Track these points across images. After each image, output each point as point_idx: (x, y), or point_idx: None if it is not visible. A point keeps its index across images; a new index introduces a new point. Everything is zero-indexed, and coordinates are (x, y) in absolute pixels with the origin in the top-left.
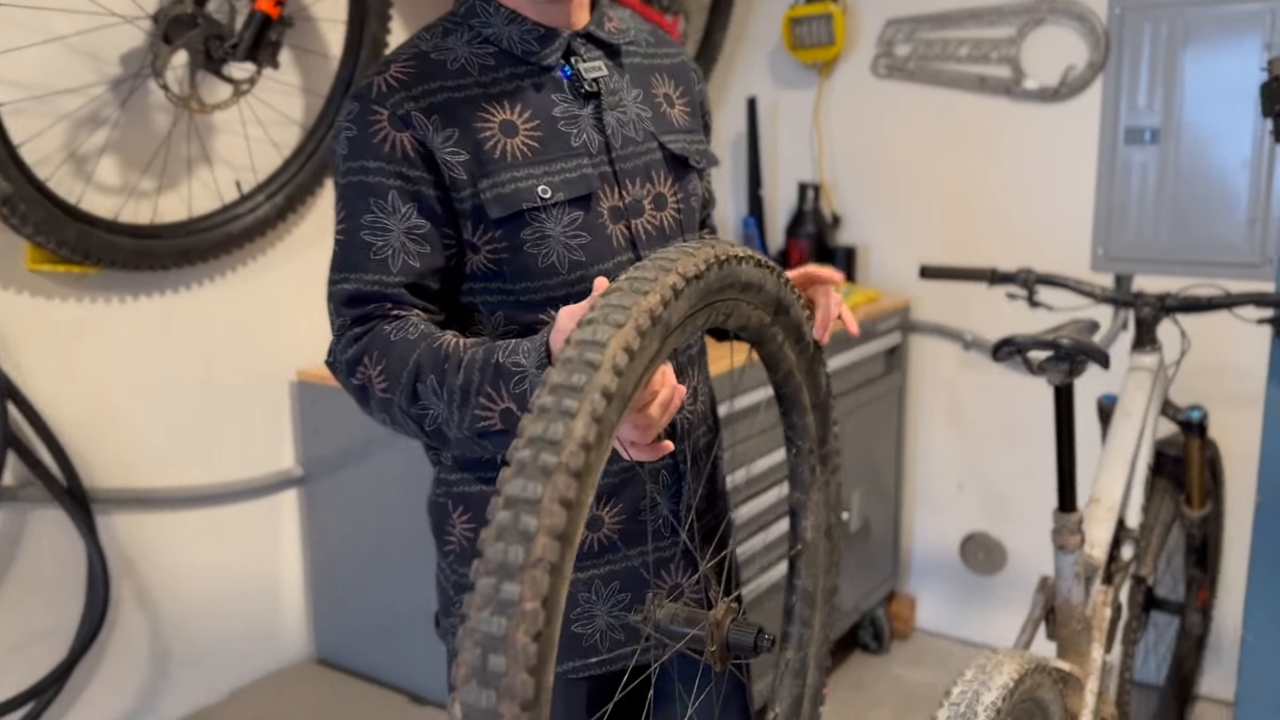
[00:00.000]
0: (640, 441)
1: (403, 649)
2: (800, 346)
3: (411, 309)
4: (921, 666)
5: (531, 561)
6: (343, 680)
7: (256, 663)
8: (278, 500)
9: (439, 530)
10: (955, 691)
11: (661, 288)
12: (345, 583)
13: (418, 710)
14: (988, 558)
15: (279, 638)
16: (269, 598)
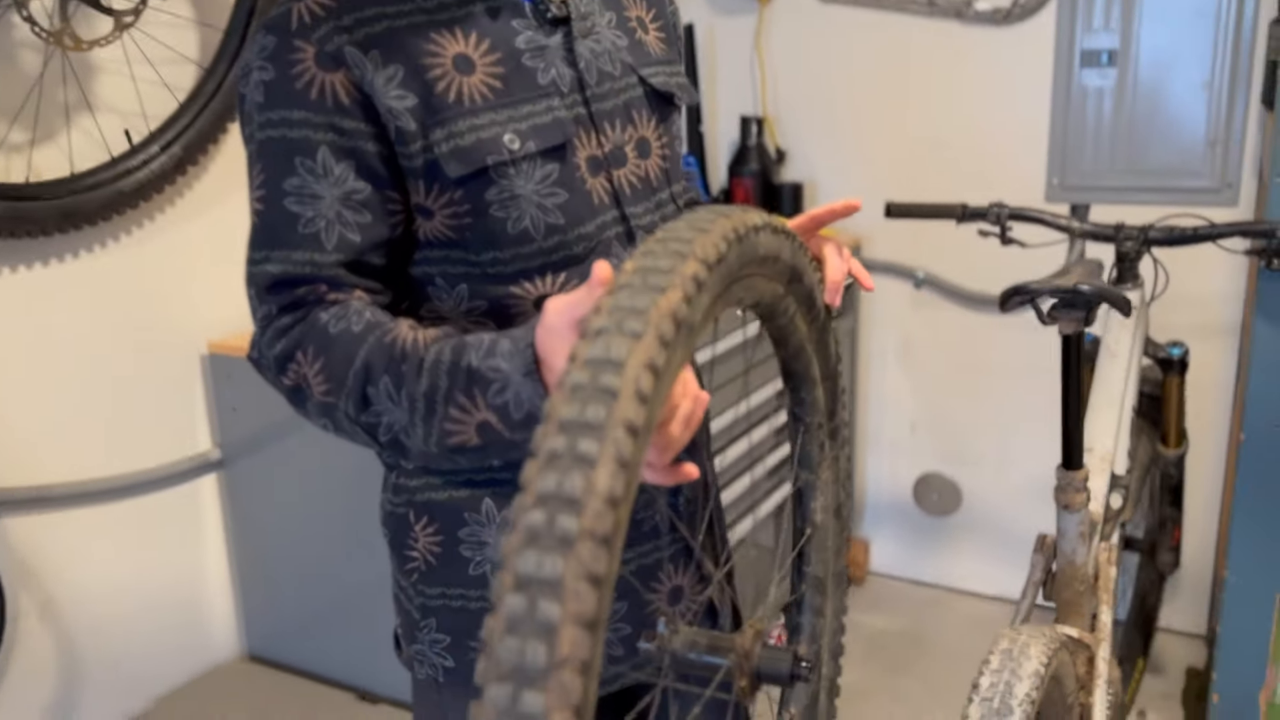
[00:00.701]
0: (657, 464)
1: (344, 642)
2: (812, 315)
3: (352, 291)
4: (879, 611)
5: (557, 662)
6: (280, 678)
7: (183, 666)
8: (195, 488)
9: (398, 545)
10: (984, 684)
11: (683, 281)
12: (275, 573)
13: (368, 709)
14: (941, 499)
15: (206, 636)
16: (192, 594)
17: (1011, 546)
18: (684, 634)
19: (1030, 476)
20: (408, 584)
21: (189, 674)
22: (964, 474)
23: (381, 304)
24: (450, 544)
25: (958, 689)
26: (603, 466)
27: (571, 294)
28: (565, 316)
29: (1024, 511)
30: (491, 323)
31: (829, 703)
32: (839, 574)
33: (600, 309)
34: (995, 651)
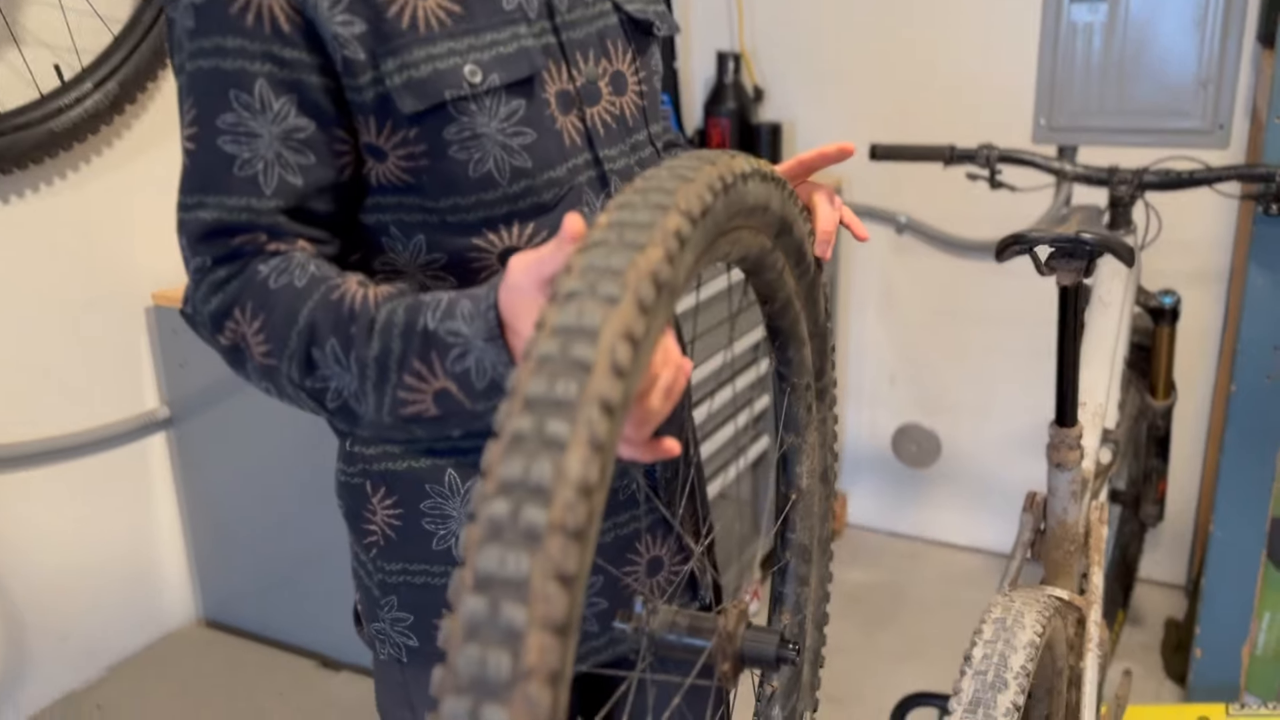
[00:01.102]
0: (635, 439)
1: (305, 606)
2: (801, 269)
3: (295, 241)
4: (856, 564)
5: (522, 672)
6: (237, 644)
7: (136, 632)
8: (144, 447)
9: (354, 517)
10: (977, 655)
11: (664, 237)
12: (231, 535)
13: (330, 676)
14: (920, 451)
15: (159, 602)
16: (143, 559)
17: (991, 498)
18: (663, 614)
19: (1011, 427)
20: (366, 559)
21: (142, 641)
22: (944, 425)
23: (329, 255)
24: (411, 517)
25: (936, 642)
26: (574, 450)
27: (539, 249)
28: (532, 274)
29: (1004, 463)
30: (452, 278)
31: (813, 674)
32: (824, 541)
33: (571, 268)
34: (988, 620)
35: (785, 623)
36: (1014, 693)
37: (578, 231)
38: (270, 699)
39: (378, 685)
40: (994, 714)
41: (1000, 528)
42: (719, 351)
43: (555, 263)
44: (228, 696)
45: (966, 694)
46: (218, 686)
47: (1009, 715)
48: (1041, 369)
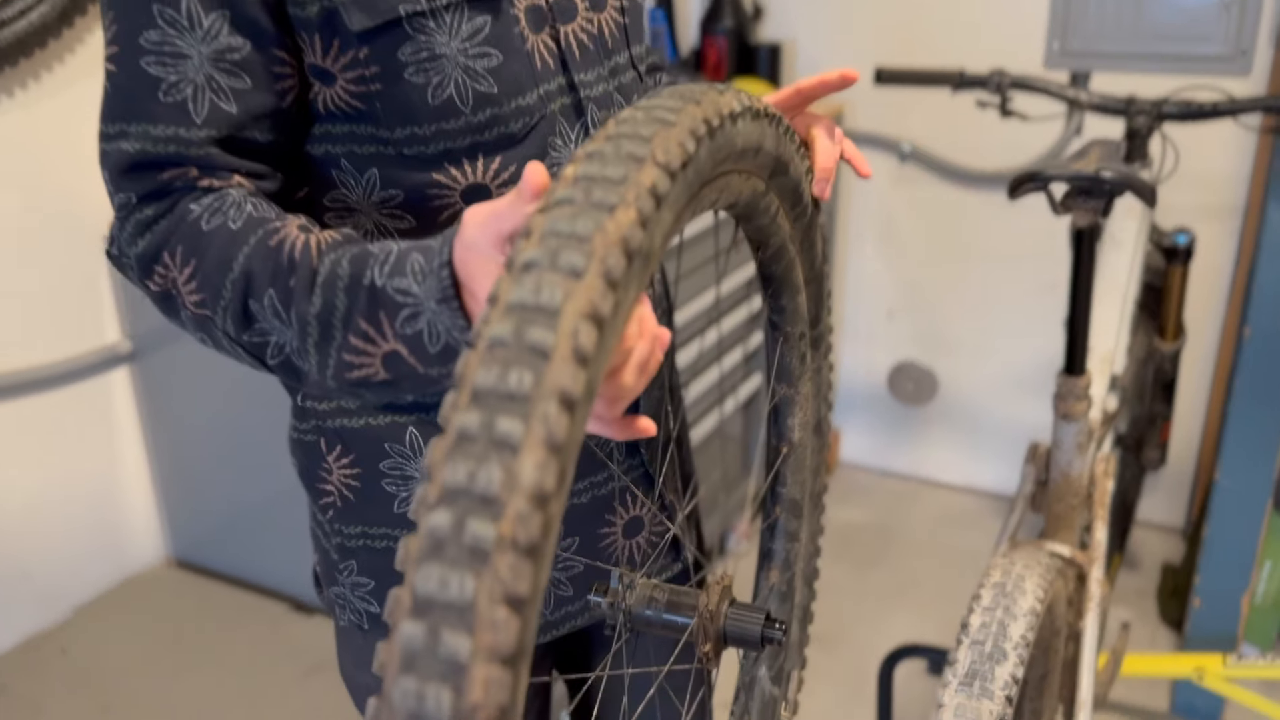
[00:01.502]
0: (606, 417)
1: (277, 547)
2: (797, 212)
3: (230, 175)
4: (848, 503)
5: (465, 712)
6: (207, 586)
7: (102, 573)
8: (106, 382)
9: (309, 477)
10: (974, 624)
11: (638, 196)
12: (199, 473)
13: (303, 621)
14: (917, 388)
15: (126, 541)
16: (107, 497)
17: (988, 438)
18: (641, 588)
19: (1011, 366)
20: (324, 520)
21: (109, 582)
22: (942, 362)
23: (270, 192)
24: (370, 478)
25: (927, 585)
26: (528, 453)
27: (497, 202)
28: (489, 231)
29: (1003, 402)
30: (410, 217)
31: (801, 631)
32: (816, 494)
33: (531, 233)
34: (986, 585)
35: (773, 581)
36: (1013, 664)
37: (539, 184)
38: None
39: (340, 650)
40: (991, 687)
41: (997, 468)
42: (708, 289)
43: (514, 219)
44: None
45: (962, 664)
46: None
47: (1007, 689)
48: (1045, 306)
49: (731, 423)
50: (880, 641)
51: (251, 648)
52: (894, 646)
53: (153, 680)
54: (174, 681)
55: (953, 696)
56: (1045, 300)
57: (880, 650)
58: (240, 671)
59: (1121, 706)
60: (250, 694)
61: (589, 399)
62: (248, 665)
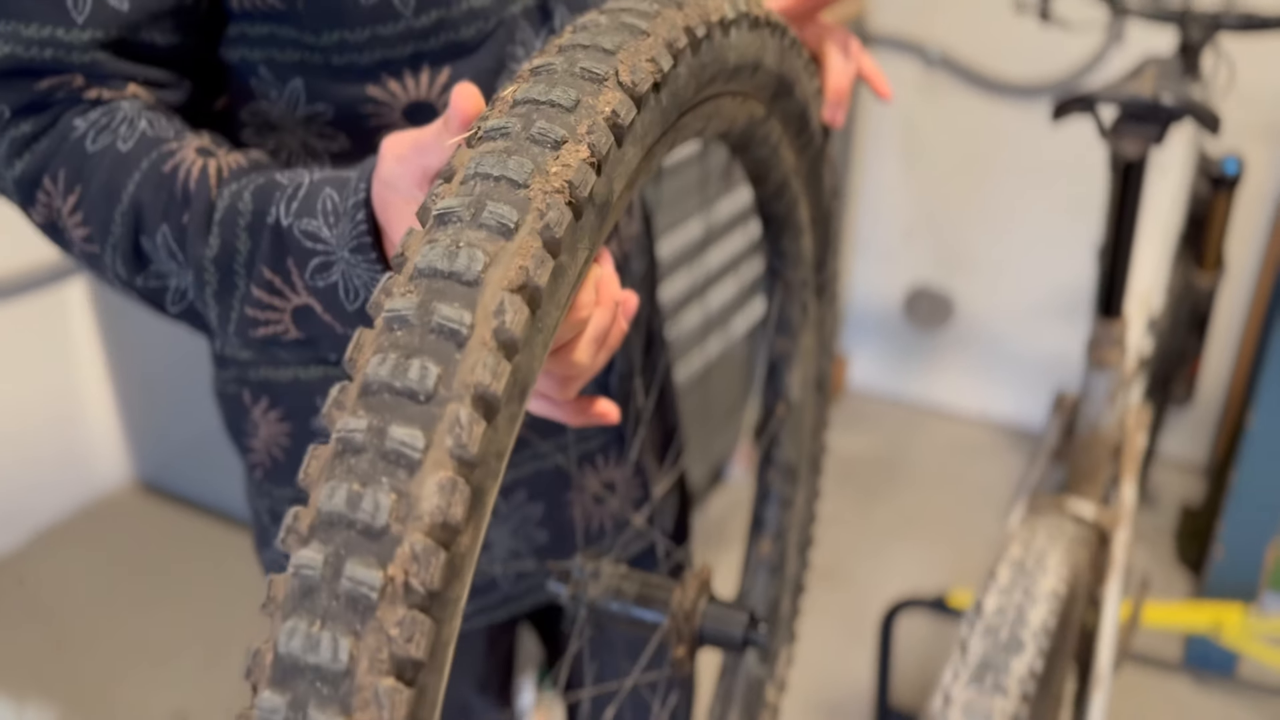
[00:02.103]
0: (558, 399)
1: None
2: (803, 141)
3: (123, 86)
4: (854, 431)
5: None
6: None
7: (62, 497)
8: (61, 294)
9: (234, 432)
10: (989, 607)
11: (592, 126)
12: (165, 389)
13: None
14: (931, 312)
15: (88, 464)
16: (66, 416)
17: (1004, 365)
18: (606, 576)
19: (1032, 290)
20: (252, 481)
21: (69, 507)
22: (959, 284)
23: (175, 104)
24: (302, 436)
25: (935, 520)
26: (430, 471)
27: (421, 131)
28: (411, 165)
29: (1022, 328)
30: (343, 136)
31: (792, 605)
32: (814, 456)
33: (452, 174)
34: (1004, 561)
35: (764, 553)
36: (1031, 656)
37: (469, 111)
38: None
39: None
40: (1005, 682)
41: (1011, 398)
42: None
43: (439, 152)
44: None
45: (974, 654)
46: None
47: (1024, 684)
48: (1073, 228)
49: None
50: (883, 579)
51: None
52: (897, 586)
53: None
54: (137, 615)
55: (962, 691)
56: (1074, 223)
57: (882, 588)
58: (209, 606)
59: (1131, 656)
60: (220, 630)
61: (519, 395)
62: (218, 599)
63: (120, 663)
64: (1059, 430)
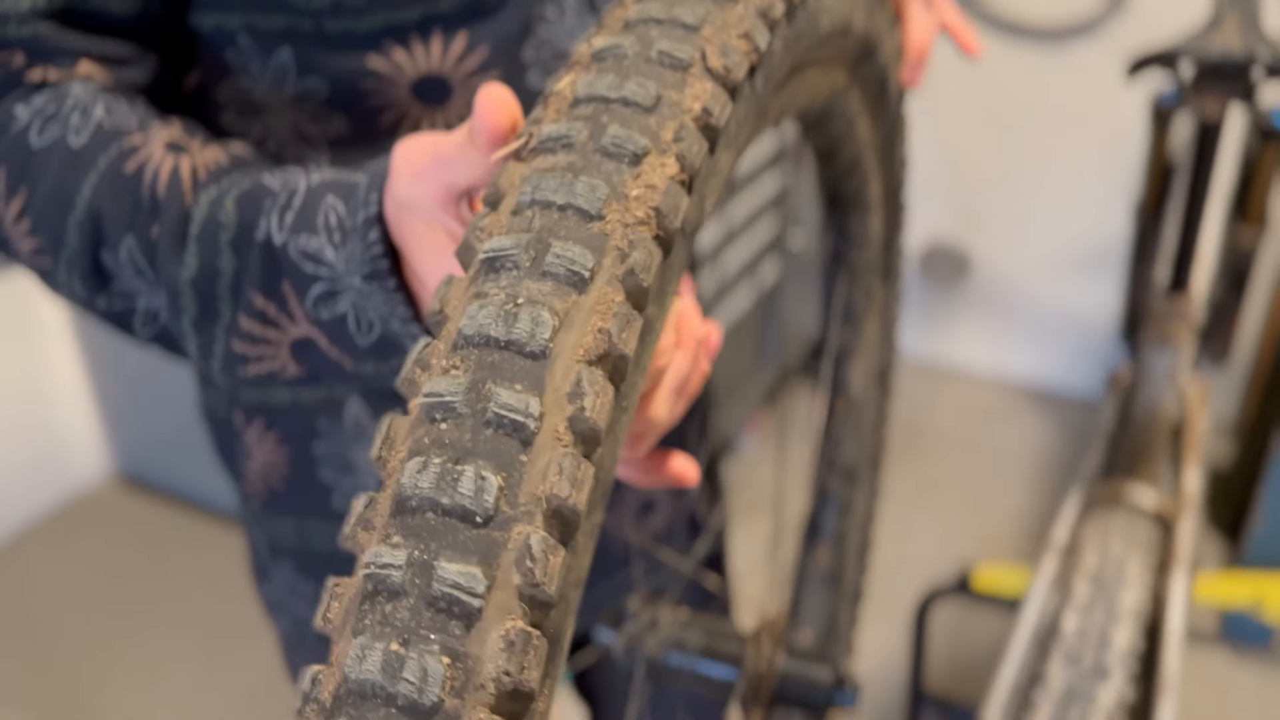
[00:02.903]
0: (628, 457)
1: None
2: (880, 109)
3: (73, 64)
4: None
5: None
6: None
7: (38, 495)
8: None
9: (228, 456)
10: (1069, 628)
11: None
12: (143, 373)
13: None
14: (949, 266)
15: (65, 459)
16: (40, 406)
17: (1022, 323)
18: (666, 624)
19: (1052, 245)
20: (247, 511)
21: (46, 505)
22: (977, 238)
23: (136, 85)
24: (301, 464)
25: (953, 486)
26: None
27: (440, 139)
28: (432, 183)
29: (1041, 285)
30: (341, 118)
31: (851, 614)
32: (875, 454)
33: (499, 198)
34: (1080, 574)
35: (822, 563)
36: (1120, 682)
37: (499, 123)
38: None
39: (286, 659)
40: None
41: (1032, 358)
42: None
43: (466, 170)
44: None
45: (1056, 683)
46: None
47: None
48: (1099, 180)
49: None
50: (901, 549)
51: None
52: (919, 559)
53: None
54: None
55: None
56: (1099, 174)
57: (900, 559)
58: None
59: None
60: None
61: (602, 500)
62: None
63: (108, 674)
64: (1114, 412)
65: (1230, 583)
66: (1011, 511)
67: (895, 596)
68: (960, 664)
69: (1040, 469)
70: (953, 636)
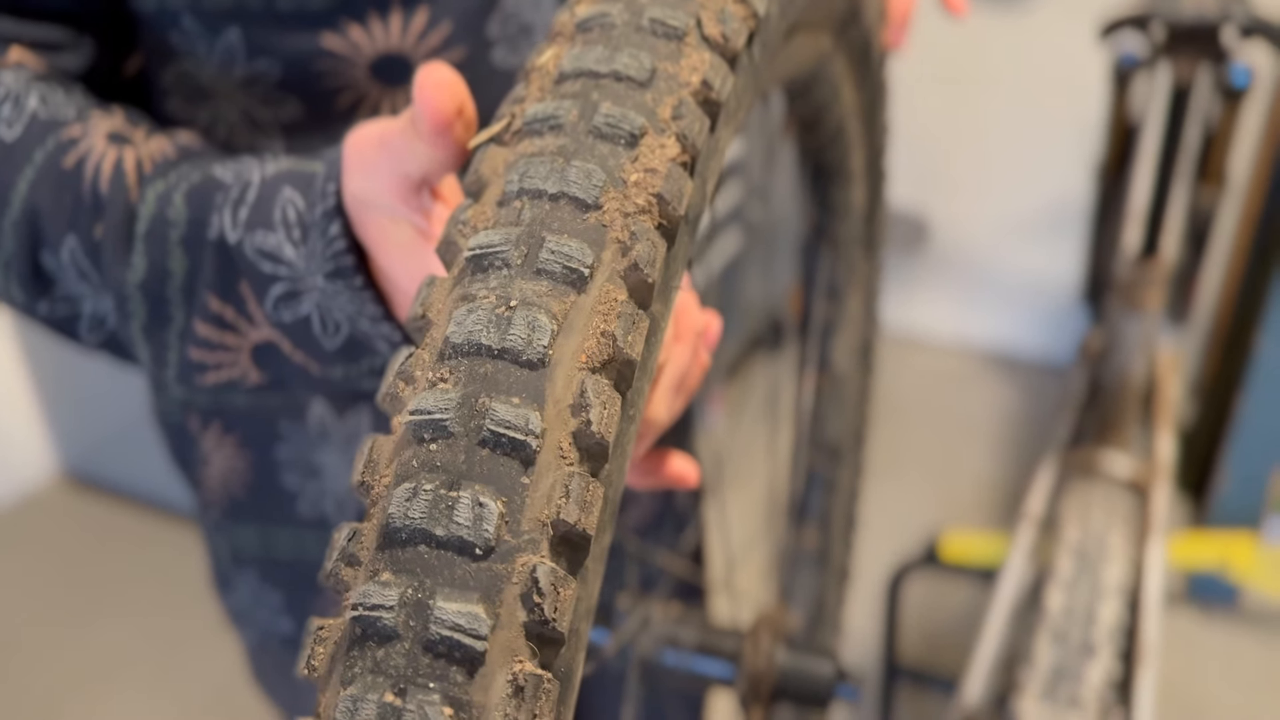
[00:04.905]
0: (633, 458)
1: None
2: (863, 74)
3: (4, 50)
4: None
5: None
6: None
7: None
8: None
9: (184, 463)
10: (1054, 606)
11: (681, 109)
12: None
13: None
14: (908, 234)
15: (7, 457)
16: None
17: (982, 288)
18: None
19: (1012, 210)
20: (206, 520)
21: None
22: (936, 204)
23: (73, 71)
24: (263, 469)
25: (918, 455)
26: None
27: (385, 126)
28: (384, 179)
29: (1000, 249)
30: (294, 101)
31: (838, 594)
32: (859, 430)
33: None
34: (1063, 546)
35: (809, 545)
36: (1108, 661)
37: (443, 106)
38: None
39: (251, 667)
40: (1081, 693)
41: (992, 322)
42: None
43: (415, 158)
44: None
45: (1043, 663)
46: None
47: (1102, 695)
48: (1057, 143)
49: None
50: (868, 519)
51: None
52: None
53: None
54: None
55: (1035, 708)
56: (1058, 137)
57: (871, 529)
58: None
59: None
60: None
61: (611, 520)
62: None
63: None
64: (1084, 379)
65: (1196, 543)
66: (976, 478)
67: (860, 566)
68: (931, 634)
69: (1004, 434)
70: (922, 606)
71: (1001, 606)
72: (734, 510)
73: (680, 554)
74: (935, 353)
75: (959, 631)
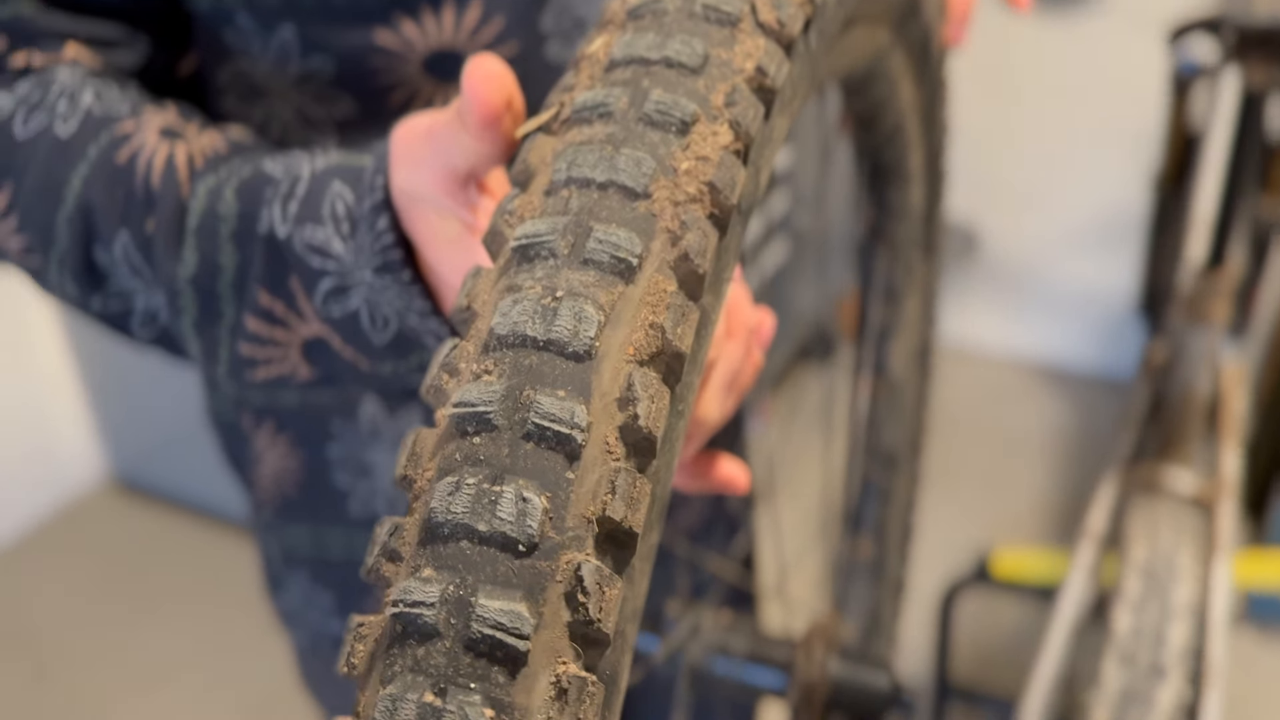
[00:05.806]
0: (682, 460)
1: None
2: (923, 71)
3: (59, 46)
4: None
5: None
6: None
7: (29, 503)
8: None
9: (237, 462)
10: (1122, 628)
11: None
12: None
13: None
14: (957, 245)
15: (56, 462)
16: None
17: (1033, 299)
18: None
19: (1064, 220)
20: (259, 520)
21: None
22: (985, 216)
23: (127, 69)
24: (315, 468)
25: (967, 470)
26: (543, 667)
27: (433, 118)
28: (430, 172)
29: (1052, 260)
30: (348, 99)
31: (894, 607)
32: (916, 437)
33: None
34: (1130, 566)
35: (864, 555)
36: (1178, 682)
37: (491, 100)
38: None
39: (300, 670)
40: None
41: (1043, 335)
42: None
43: (463, 153)
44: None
45: (1111, 685)
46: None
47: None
48: (1111, 153)
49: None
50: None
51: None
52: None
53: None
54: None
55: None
56: (1112, 146)
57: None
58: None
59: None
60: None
61: (660, 518)
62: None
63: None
64: (1147, 393)
65: (1255, 562)
66: (1027, 493)
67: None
68: (982, 652)
69: (1055, 448)
70: (972, 623)
71: (1061, 625)
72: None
73: (731, 560)
74: (987, 365)
75: (1011, 650)
